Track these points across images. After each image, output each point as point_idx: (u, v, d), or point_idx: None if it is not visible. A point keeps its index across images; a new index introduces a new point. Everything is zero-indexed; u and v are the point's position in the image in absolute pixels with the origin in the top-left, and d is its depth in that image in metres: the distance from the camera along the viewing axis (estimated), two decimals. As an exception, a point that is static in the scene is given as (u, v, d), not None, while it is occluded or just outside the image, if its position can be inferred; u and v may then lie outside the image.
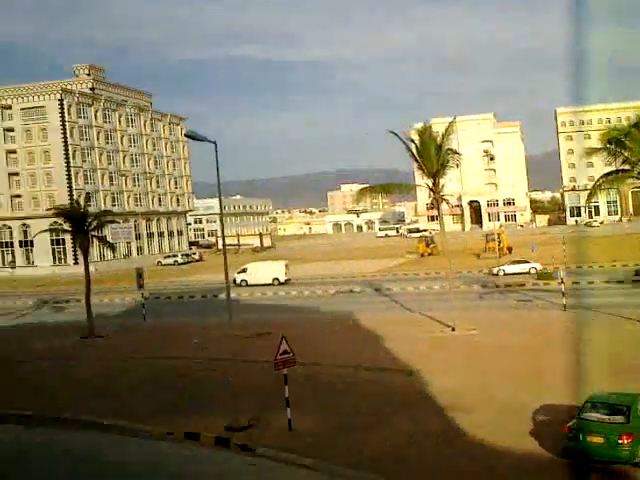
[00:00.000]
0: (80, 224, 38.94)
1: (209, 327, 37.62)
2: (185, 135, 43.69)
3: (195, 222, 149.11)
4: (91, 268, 41.16)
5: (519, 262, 54.75)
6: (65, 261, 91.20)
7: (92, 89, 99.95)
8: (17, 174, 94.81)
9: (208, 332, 35.95)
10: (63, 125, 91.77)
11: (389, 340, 29.48)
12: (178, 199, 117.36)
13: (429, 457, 15.98)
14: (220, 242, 76.29)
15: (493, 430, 17.05)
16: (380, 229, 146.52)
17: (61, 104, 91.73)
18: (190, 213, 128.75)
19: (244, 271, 59.27)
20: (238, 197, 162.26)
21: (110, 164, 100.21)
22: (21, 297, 60.57)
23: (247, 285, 57.47)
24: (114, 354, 31.70)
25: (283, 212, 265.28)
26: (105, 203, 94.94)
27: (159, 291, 56.81)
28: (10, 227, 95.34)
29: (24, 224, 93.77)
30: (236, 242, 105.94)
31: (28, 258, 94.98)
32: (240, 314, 37.93)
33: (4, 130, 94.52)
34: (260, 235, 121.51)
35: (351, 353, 27.78)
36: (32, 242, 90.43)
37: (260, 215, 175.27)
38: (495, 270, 54.15)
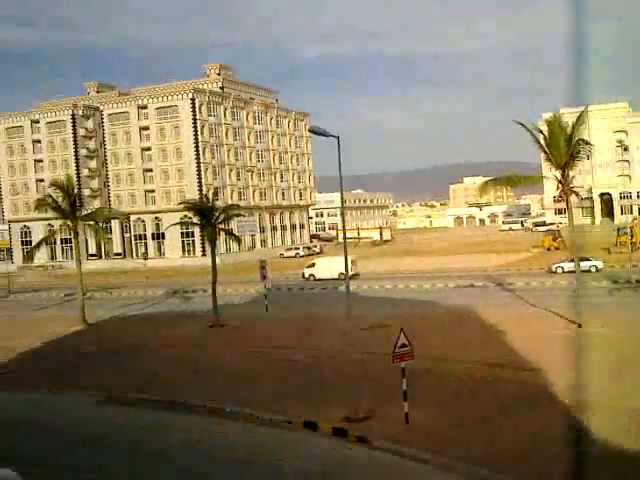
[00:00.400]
0: (208, 217, 40.53)
1: (328, 318, 38.21)
2: (309, 130, 44.41)
3: (316, 215, 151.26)
4: (217, 260, 42.72)
5: (581, 259, 52.32)
6: (194, 253, 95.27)
7: (222, 88, 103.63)
8: (151, 170, 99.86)
9: (327, 323, 36.58)
10: (194, 123, 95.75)
11: (510, 336, 28.74)
12: (301, 193, 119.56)
13: (552, 457, 15.48)
14: (340, 235, 77.04)
15: (621, 434, 16.29)
16: (504, 222, 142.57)
17: (193, 103, 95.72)
18: (312, 207, 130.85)
19: (312, 266, 60.87)
20: (359, 191, 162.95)
21: (237, 160, 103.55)
22: (152, 287, 63.96)
23: (315, 279, 59.49)
24: (237, 343, 32.89)
25: (404, 205, 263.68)
26: (232, 197, 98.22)
27: (281, 283, 58.19)
28: (144, 220, 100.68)
29: (156, 217, 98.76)
30: (356, 235, 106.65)
31: (160, 250, 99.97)
32: (359, 306, 38.26)
33: (140, 129, 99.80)
34: (380, 228, 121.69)
35: (471, 348, 27.30)
36: (164, 235, 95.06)
37: (381, 208, 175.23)
38: (554, 267, 52.29)
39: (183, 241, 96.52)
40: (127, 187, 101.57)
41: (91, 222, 46.18)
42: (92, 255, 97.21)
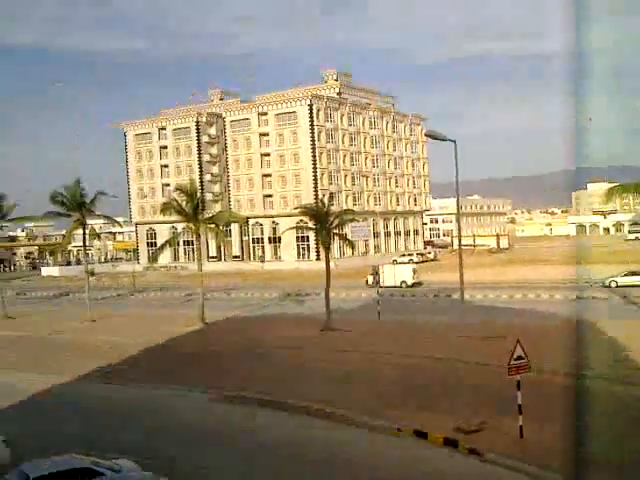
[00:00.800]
0: (323, 222, 40.94)
1: (440, 326, 37.65)
2: (425, 135, 44.00)
3: (431, 222, 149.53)
4: (331, 264, 43.10)
5: (635, 273, 50.14)
6: (308, 257, 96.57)
7: (339, 94, 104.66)
8: (270, 175, 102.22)
9: (438, 331, 36.04)
10: (312, 129, 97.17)
11: (629, 349, 27.24)
12: (415, 199, 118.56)
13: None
14: (456, 242, 75.81)
15: None
16: (630, 232, 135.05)
17: (310, 109, 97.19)
18: (426, 213, 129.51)
19: (376, 273, 59.74)
20: (475, 197, 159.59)
21: (353, 165, 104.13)
22: (268, 289, 65.43)
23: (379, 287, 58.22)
24: (348, 347, 33.02)
25: (522, 212, 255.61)
26: (347, 202, 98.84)
27: (394, 289, 57.92)
28: (262, 224, 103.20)
29: (274, 221, 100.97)
30: (472, 242, 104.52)
31: (276, 253, 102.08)
32: (473, 315, 37.45)
33: (260, 135, 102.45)
34: (497, 236, 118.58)
35: (592, 362, 26.05)
36: (280, 238, 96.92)
37: (498, 215, 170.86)
38: (607, 281, 50.22)
39: (298, 245, 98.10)
40: (246, 192, 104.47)
41: (212, 225, 47.79)
42: (212, 257, 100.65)
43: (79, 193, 48.88)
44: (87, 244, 54.64)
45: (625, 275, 50.56)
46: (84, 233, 50.87)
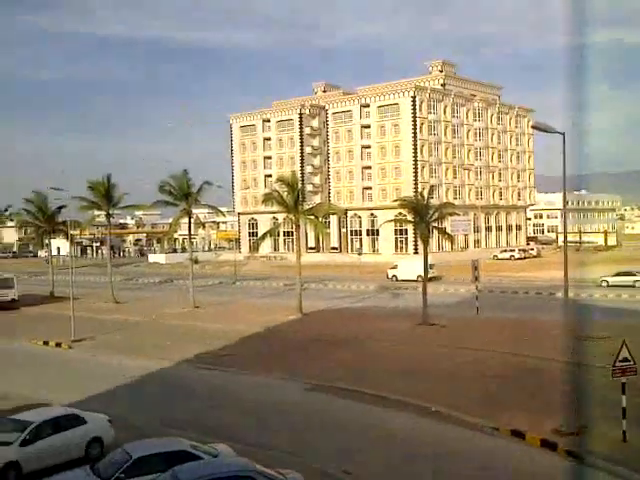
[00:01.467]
0: (422, 215, 40.60)
1: (542, 325, 36.57)
2: (532, 127, 42.75)
3: (535, 217, 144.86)
4: (429, 258, 42.72)
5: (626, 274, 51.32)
6: (406, 250, 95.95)
7: (443, 85, 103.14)
8: (369, 167, 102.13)
9: (540, 330, 35.04)
10: (414, 121, 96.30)
11: None
12: (519, 193, 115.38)
13: None
14: (561, 239, 73.34)
15: None
16: None
17: (413, 101, 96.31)
18: (530, 208, 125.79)
19: (395, 267, 68.25)
20: (583, 192, 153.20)
21: (455, 158, 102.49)
22: (365, 281, 65.59)
23: (397, 280, 65.25)
24: (445, 343, 32.69)
25: (632, 209, 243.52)
26: (447, 196, 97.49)
27: (493, 285, 56.75)
28: (360, 216, 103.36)
29: (372, 214, 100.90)
30: (577, 239, 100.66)
31: (374, 246, 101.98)
32: (579, 315, 36.17)
33: (361, 127, 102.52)
34: (605, 233, 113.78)
35: None
36: (378, 231, 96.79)
37: (606, 212, 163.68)
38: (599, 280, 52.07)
39: (396, 238, 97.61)
40: (346, 184, 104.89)
41: (311, 216, 48.31)
42: (311, 248, 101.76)
43: (186, 183, 50.55)
44: (192, 233, 56.54)
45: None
46: (189, 222, 52.59)
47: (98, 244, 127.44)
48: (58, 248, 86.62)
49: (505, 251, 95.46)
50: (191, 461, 14.87)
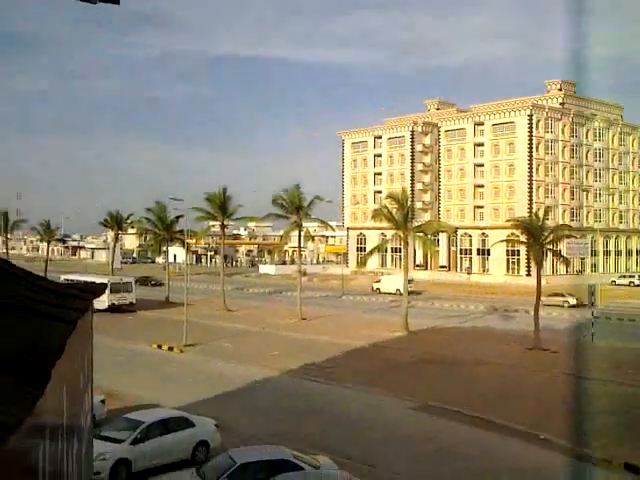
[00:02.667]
0: (536, 237, 39.47)
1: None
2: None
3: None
4: (542, 281, 41.33)
5: None
6: (518, 272, 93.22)
7: (562, 104, 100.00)
8: (482, 186, 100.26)
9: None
10: (530, 140, 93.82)
11: None
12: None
13: None
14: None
15: None
16: None
17: (530, 119, 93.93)
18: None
19: (379, 281, 76.14)
20: None
21: (572, 179, 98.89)
22: (474, 301, 64.27)
23: (379, 292, 72.81)
24: (556, 370, 31.46)
25: None
26: (563, 217, 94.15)
27: (610, 311, 54.08)
28: (470, 235, 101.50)
29: (483, 233, 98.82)
30: None
31: (483, 265, 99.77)
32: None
33: (475, 145, 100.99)
34: None
35: None
36: (489, 251, 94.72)
37: None
38: None
39: (508, 259, 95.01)
40: (457, 202, 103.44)
41: (420, 233, 47.98)
42: (418, 265, 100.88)
43: (298, 197, 51.54)
44: (301, 245, 57.42)
45: None
46: (299, 235, 53.50)
47: (212, 253, 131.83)
48: (174, 255, 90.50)
49: (624, 277, 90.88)
50: (293, 471, 15.04)
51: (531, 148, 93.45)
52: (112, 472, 16.85)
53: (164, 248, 68.62)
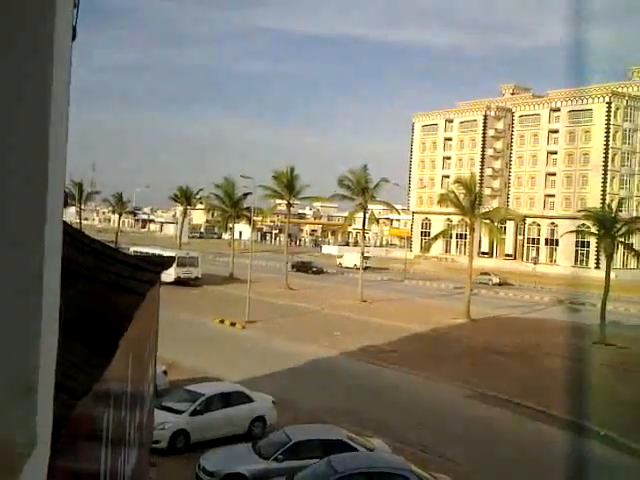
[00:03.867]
0: (608, 229, 38.40)
1: None
2: None
3: None
4: (612, 274, 40.20)
5: None
6: (586, 264, 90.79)
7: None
8: (554, 174, 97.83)
9: None
10: (607, 128, 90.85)
11: None
12: None
13: None
14: None
15: None
16: None
17: (609, 107, 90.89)
18: None
19: (341, 257, 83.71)
20: None
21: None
22: (539, 292, 63.04)
23: (342, 267, 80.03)
24: (621, 365, 30.67)
25: None
26: (637, 210, 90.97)
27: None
28: (539, 225, 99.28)
29: (552, 223, 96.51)
30: None
31: (551, 256, 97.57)
32: None
33: (549, 132, 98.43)
34: None
35: None
36: (557, 241, 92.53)
37: None
38: None
39: (577, 250, 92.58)
40: (527, 189, 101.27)
41: (487, 220, 47.25)
42: (484, 253, 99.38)
43: (364, 179, 51.40)
44: (366, 228, 57.32)
45: None
46: (364, 217, 53.42)
47: (277, 231, 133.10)
48: (240, 232, 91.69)
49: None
50: (347, 451, 15.16)
51: (608, 137, 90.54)
52: (171, 442, 17.31)
53: (230, 224, 69.64)
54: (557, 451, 18.51)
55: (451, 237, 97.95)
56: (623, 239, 40.05)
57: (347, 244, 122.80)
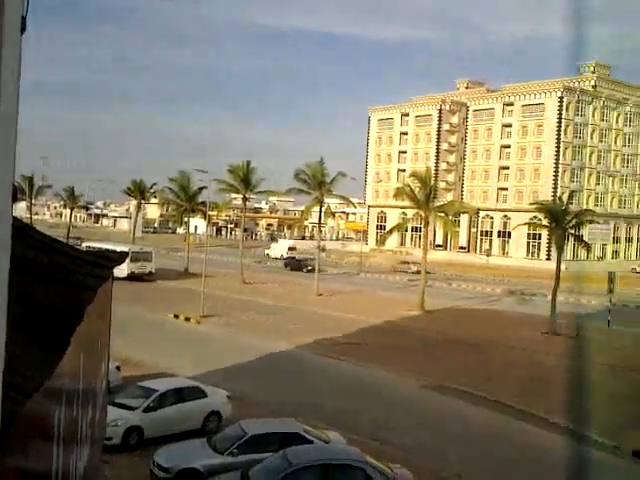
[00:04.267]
0: (559, 221, 39.20)
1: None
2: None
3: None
4: (562, 266, 41.11)
5: None
6: (537, 255, 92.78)
7: (594, 87, 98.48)
8: (507, 168, 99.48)
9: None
10: (559, 122, 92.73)
11: None
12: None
13: None
14: None
15: None
16: None
17: (560, 102, 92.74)
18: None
19: (269, 248, 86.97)
20: None
21: (599, 164, 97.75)
22: (491, 284, 64.13)
23: (269, 257, 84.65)
24: (568, 355, 31.46)
25: None
26: (587, 202, 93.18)
27: (630, 299, 53.78)
28: (492, 217, 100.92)
29: (505, 215, 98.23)
30: None
31: (503, 248, 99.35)
32: None
33: (502, 126, 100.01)
34: None
35: None
36: (510, 233, 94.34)
37: None
38: None
39: (528, 242, 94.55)
40: (481, 183, 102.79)
41: (442, 214, 47.81)
42: (438, 245, 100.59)
43: (321, 172, 51.47)
44: (322, 221, 57.42)
45: None
46: (320, 210, 53.52)
47: (233, 226, 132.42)
48: (195, 227, 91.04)
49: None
50: (303, 444, 15.19)
51: (559, 131, 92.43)
52: (124, 438, 17.09)
53: (185, 219, 68.99)
54: (496, 429, 19.00)
55: (406, 230, 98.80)
56: (573, 231, 40.96)
57: (303, 238, 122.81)
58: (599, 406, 22.51)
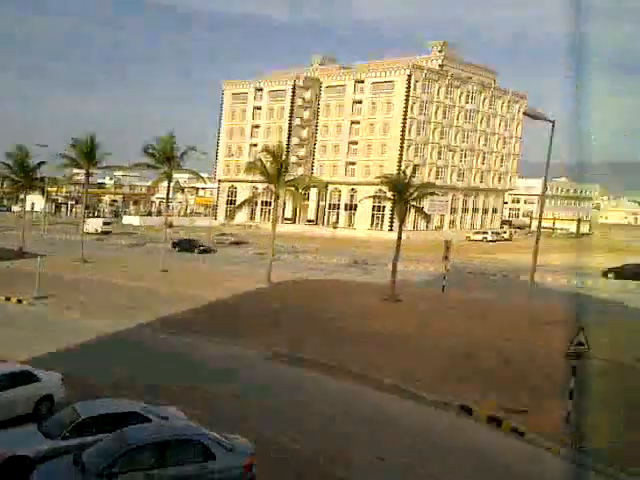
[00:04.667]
0: (402, 193, 40.56)
1: (507, 306, 37.45)
2: (523, 113, 42.88)
3: (512, 201, 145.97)
4: (403, 236, 42.82)
5: None
6: (381, 227, 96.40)
7: (441, 66, 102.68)
8: (356, 143, 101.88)
9: (504, 311, 36.01)
10: (406, 99, 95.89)
11: None
12: (500, 177, 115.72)
13: None
14: (534, 223, 74.34)
15: None
16: None
17: (409, 80, 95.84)
18: (509, 192, 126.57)
19: (85, 223, 69.96)
20: (563, 179, 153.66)
21: (442, 139, 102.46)
22: (337, 255, 65.82)
23: (87, 233, 70.03)
24: (408, 319, 33.05)
25: (609, 199, 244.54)
26: (429, 175, 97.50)
27: (463, 265, 57.28)
28: (340, 191, 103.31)
29: (353, 189, 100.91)
30: (551, 225, 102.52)
31: (350, 220, 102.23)
32: (544, 298, 36.73)
33: (353, 102, 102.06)
34: (578, 220, 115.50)
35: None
36: (356, 206, 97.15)
37: (583, 200, 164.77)
38: None
39: (373, 214, 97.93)
40: (331, 157, 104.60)
41: (292, 188, 48.11)
42: (287, 219, 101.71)
43: (170, 147, 50.03)
44: (170, 197, 55.93)
45: None
46: (169, 186, 52.16)
47: (74, 202, 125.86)
48: (32, 204, 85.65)
49: (478, 233, 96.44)
50: (141, 423, 14.81)
51: (406, 108, 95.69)
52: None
53: (22, 196, 64.82)
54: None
55: (256, 204, 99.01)
56: (415, 203, 42.59)
57: (150, 214, 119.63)
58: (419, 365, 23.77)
